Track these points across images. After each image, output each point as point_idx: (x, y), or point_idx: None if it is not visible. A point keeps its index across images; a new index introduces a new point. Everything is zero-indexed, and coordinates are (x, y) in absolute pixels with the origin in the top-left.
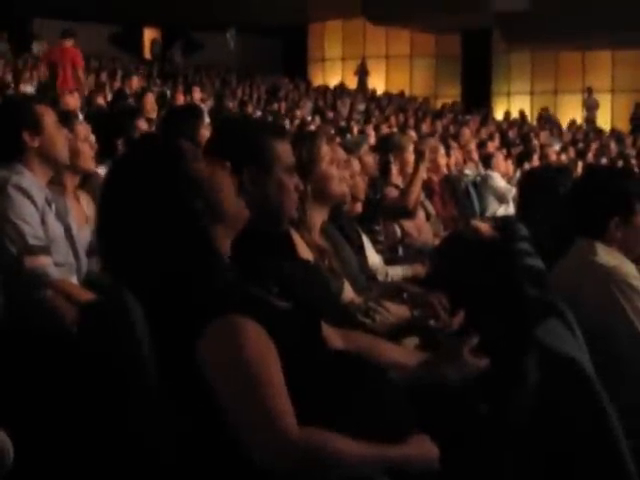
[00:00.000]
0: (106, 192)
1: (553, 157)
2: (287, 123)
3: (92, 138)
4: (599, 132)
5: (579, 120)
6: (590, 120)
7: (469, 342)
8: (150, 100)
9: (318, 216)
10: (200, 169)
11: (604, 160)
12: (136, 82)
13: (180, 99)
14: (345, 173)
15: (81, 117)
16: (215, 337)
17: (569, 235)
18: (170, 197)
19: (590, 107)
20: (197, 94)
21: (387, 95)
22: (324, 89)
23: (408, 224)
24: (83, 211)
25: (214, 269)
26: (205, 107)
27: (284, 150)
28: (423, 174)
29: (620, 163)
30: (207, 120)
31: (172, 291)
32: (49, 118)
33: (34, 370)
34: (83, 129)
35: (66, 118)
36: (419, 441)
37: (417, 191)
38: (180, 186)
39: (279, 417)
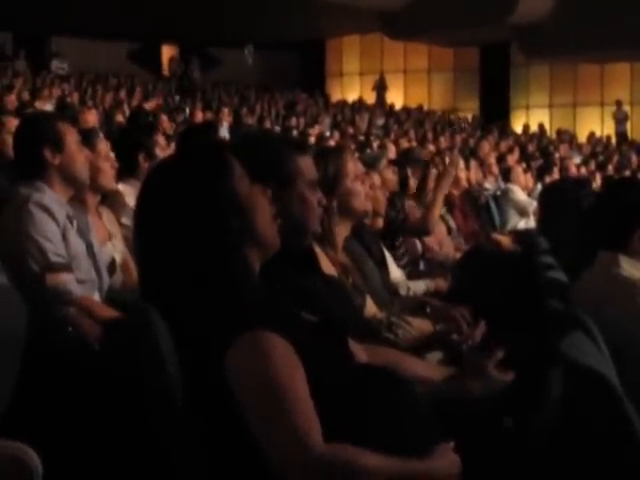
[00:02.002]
0: (146, 196)
1: (573, 170)
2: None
3: (112, 156)
4: (620, 144)
5: (598, 132)
6: (620, 133)
7: (494, 356)
8: (166, 118)
9: (342, 232)
10: (244, 189)
11: (626, 172)
12: (154, 104)
13: (199, 116)
14: (366, 188)
15: (101, 135)
16: (242, 352)
17: (592, 248)
18: (209, 210)
19: (620, 120)
20: (226, 116)
21: (405, 109)
22: (342, 104)
23: (429, 238)
24: (105, 228)
25: (243, 284)
26: (225, 123)
27: (306, 165)
28: (445, 191)
29: None
30: (227, 136)
31: (201, 305)
32: (71, 137)
33: (58, 388)
34: (104, 147)
35: (88, 136)
36: (442, 452)
37: (438, 212)
38: (221, 201)
39: (305, 433)
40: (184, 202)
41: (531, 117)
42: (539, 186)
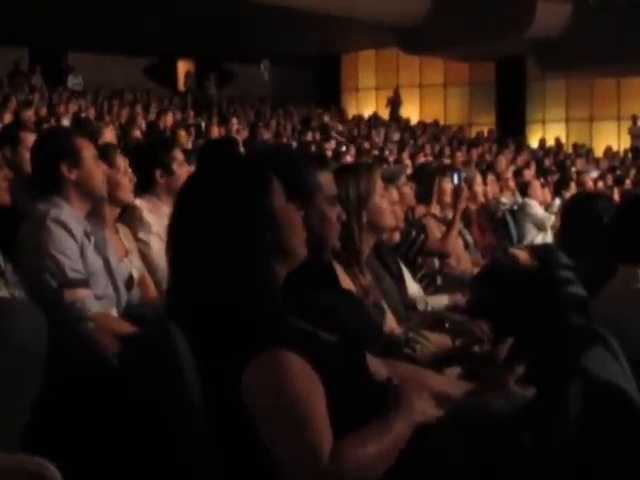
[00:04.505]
0: (182, 208)
1: (590, 184)
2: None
3: (130, 170)
4: (637, 159)
5: (615, 147)
6: (636, 148)
7: (514, 371)
8: (183, 133)
9: (366, 248)
10: (281, 205)
11: None
12: (170, 118)
13: (215, 131)
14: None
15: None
16: (260, 371)
17: (611, 262)
18: (246, 225)
19: (636, 135)
20: (234, 125)
21: (421, 124)
22: (358, 119)
23: None
24: (122, 243)
25: (266, 301)
26: (239, 138)
27: (326, 180)
28: (461, 209)
29: None
30: (242, 151)
31: (222, 321)
32: (88, 151)
33: (78, 403)
34: (122, 162)
35: (106, 151)
36: (409, 396)
37: (456, 233)
38: (259, 216)
39: (318, 452)
40: (220, 215)
41: (547, 131)
42: (557, 201)
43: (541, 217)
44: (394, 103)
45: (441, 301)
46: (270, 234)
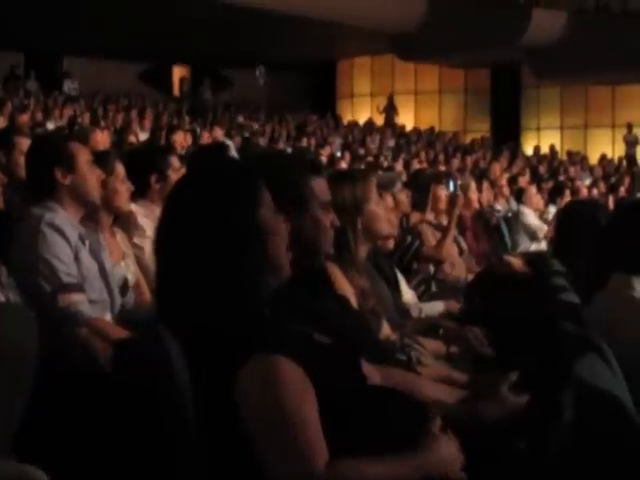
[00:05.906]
0: (171, 213)
1: (584, 192)
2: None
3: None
4: (631, 167)
5: (609, 154)
6: (630, 156)
7: (508, 379)
8: (180, 137)
9: (362, 254)
10: (269, 216)
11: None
12: (166, 124)
13: (210, 136)
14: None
15: None
16: (251, 375)
17: (605, 270)
18: (234, 233)
19: (630, 143)
20: (218, 132)
21: (416, 131)
22: (353, 125)
23: None
24: (119, 247)
25: (256, 307)
26: (234, 144)
27: (319, 186)
28: (456, 216)
29: None
30: (236, 157)
31: (213, 328)
32: (82, 156)
33: (69, 408)
34: (121, 169)
35: (105, 158)
36: (437, 443)
37: (450, 242)
38: (247, 226)
39: (309, 458)
40: (210, 222)
41: (542, 139)
42: (550, 208)
43: (534, 227)
44: (388, 111)
45: (436, 308)
46: (256, 243)
